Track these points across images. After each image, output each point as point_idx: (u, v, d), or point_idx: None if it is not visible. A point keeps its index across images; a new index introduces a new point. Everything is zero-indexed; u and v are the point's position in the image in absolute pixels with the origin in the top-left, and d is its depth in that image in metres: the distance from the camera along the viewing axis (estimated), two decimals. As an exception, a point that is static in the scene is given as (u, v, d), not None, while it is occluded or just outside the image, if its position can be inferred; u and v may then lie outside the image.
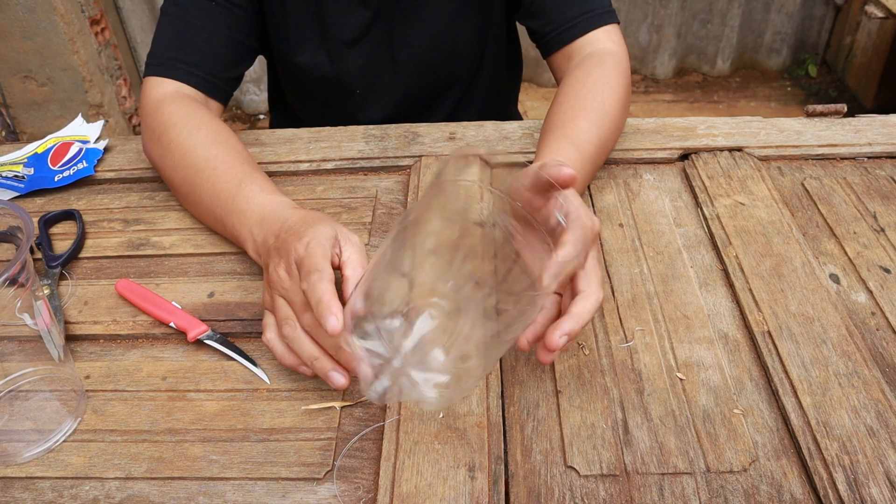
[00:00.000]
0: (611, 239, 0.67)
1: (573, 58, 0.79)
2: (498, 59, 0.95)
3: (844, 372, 0.53)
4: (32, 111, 2.32)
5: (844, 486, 0.46)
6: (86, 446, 0.52)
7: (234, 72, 0.80)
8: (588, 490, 0.47)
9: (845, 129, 0.80)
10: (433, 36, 0.87)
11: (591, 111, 0.70)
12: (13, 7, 2.07)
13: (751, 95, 2.75)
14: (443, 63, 0.90)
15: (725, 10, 2.68)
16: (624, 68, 0.76)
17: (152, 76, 0.76)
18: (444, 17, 0.86)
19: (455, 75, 0.92)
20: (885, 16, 2.44)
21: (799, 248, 0.64)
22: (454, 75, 0.92)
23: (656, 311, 0.59)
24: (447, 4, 0.85)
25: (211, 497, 0.48)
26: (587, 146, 0.67)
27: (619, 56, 0.77)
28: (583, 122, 0.69)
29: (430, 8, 0.85)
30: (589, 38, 0.79)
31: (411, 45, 0.87)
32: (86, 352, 0.59)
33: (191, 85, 0.76)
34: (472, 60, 0.92)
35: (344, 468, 0.49)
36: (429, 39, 0.87)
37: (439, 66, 0.90)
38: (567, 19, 0.80)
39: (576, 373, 0.55)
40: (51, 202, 0.77)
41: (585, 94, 0.72)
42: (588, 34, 0.79)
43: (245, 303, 0.62)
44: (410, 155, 0.79)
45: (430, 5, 0.84)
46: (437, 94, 0.94)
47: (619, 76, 0.75)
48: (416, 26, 0.86)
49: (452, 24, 0.87)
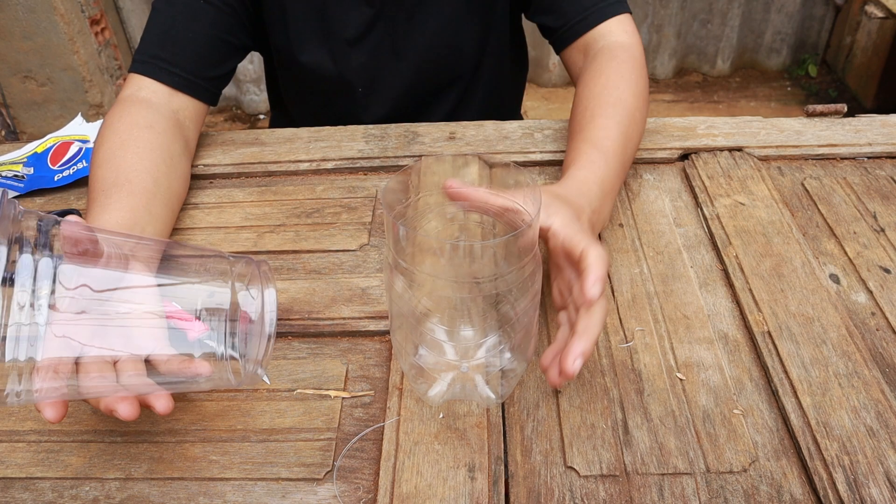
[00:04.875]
0: (611, 239, 0.67)
1: (587, 52, 0.80)
2: (500, 57, 0.95)
3: (844, 372, 0.53)
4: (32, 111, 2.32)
5: (844, 487, 0.46)
6: (86, 446, 0.52)
7: (217, 70, 0.80)
8: (588, 490, 0.47)
9: (845, 129, 0.80)
10: (435, 33, 0.87)
11: (608, 107, 0.70)
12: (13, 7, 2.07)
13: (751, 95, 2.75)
14: (444, 60, 0.90)
15: (725, 10, 2.68)
16: (638, 59, 0.76)
17: (134, 73, 0.76)
18: (447, 14, 0.86)
19: (456, 72, 0.92)
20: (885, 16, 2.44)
21: (799, 248, 0.64)
22: (455, 72, 0.92)
23: (656, 312, 0.59)
24: (449, 2, 0.85)
25: (211, 497, 0.48)
26: (610, 145, 0.67)
27: (632, 48, 0.77)
28: (602, 120, 0.69)
29: (433, 5, 0.85)
30: (601, 29, 0.79)
31: (414, 43, 0.87)
32: (86, 352, 0.59)
33: (170, 85, 0.76)
34: (474, 58, 0.92)
35: (344, 468, 0.49)
36: (431, 37, 0.87)
37: (441, 63, 0.90)
38: (579, 11, 0.80)
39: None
40: (51, 202, 0.77)
41: (601, 91, 0.72)
42: (601, 25, 0.79)
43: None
44: (410, 155, 0.79)
45: (433, 2, 0.85)
46: (438, 91, 0.94)
47: (633, 68, 0.74)
48: (419, 23, 0.86)
49: (454, 22, 0.87)
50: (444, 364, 0.50)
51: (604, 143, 0.67)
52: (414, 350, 0.50)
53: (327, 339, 0.59)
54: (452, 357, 0.49)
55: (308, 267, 0.66)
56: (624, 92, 0.72)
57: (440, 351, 0.49)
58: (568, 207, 0.55)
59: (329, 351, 0.58)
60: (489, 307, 0.49)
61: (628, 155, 0.70)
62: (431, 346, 0.49)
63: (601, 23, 0.79)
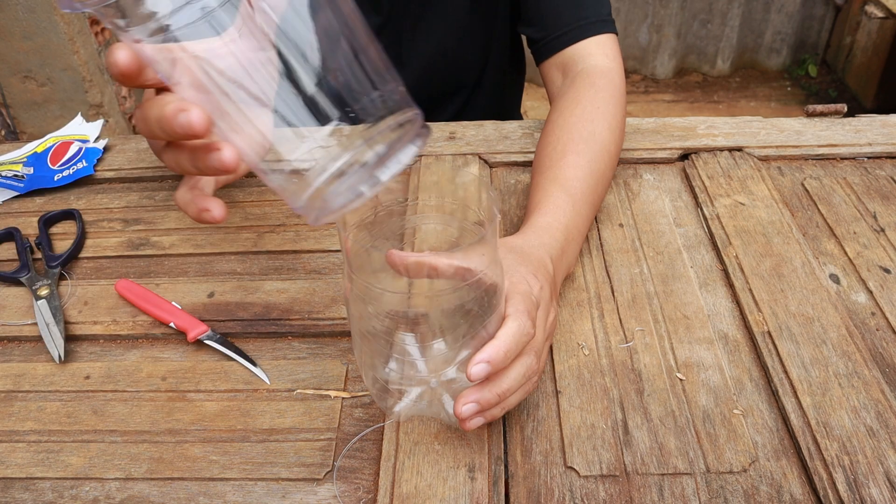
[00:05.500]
0: (611, 239, 0.67)
1: (565, 71, 0.77)
2: (501, 64, 0.95)
3: (844, 372, 0.53)
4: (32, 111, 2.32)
5: (844, 487, 0.46)
6: (86, 446, 0.52)
7: None
8: (588, 490, 0.47)
9: (845, 129, 0.80)
10: (440, 42, 0.87)
11: (581, 143, 0.66)
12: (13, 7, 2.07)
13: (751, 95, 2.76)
14: (448, 69, 0.91)
15: (725, 10, 2.68)
16: (618, 87, 0.73)
17: None
18: (451, 23, 0.86)
19: (460, 81, 0.93)
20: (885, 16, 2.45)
21: (799, 248, 0.64)
22: (459, 81, 0.93)
23: (656, 312, 0.59)
24: (454, 12, 0.85)
25: (211, 497, 0.48)
26: (579, 186, 0.63)
27: (611, 73, 0.73)
28: (573, 157, 0.65)
29: (438, 15, 0.85)
30: (581, 49, 0.76)
31: (418, 51, 0.88)
32: (86, 352, 0.59)
33: None
34: (477, 66, 0.92)
35: (344, 469, 0.49)
36: (435, 46, 0.87)
37: (445, 71, 0.91)
38: (560, 26, 0.77)
39: (576, 373, 0.55)
40: (50, 202, 0.77)
41: (574, 123, 0.68)
42: (580, 43, 0.76)
43: (245, 303, 0.62)
44: (410, 155, 0.79)
45: (438, 12, 0.85)
46: (441, 99, 0.94)
47: (610, 97, 0.71)
48: (424, 32, 0.86)
49: (459, 31, 0.87)
50: (414, 379, 0.48)
51: (572, 184, 0.63)
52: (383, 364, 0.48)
53: (327, 339, 0.59)
54: (423, 371, 0.48)
55: (308, 267, 0.66)
56: (598, 125, 0.68)
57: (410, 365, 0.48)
58: (522, 266, 0.52)
59: (329, 351, 0.58)
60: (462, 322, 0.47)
61: (599, 194, 0.66)
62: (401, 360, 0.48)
63: (580, 41, 0.76)
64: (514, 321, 0.46)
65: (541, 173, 0.66)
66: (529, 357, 0.47)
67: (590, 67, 0.74)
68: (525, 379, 0.47)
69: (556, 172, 0.64)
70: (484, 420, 0.47)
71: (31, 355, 0.60)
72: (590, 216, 0.65)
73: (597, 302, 0.60)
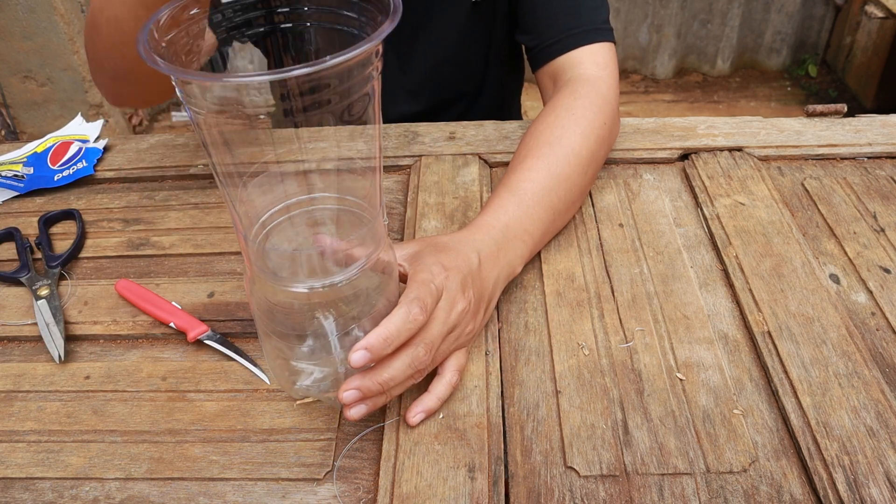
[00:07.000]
0: (611, 239, 0.67)
1: (556, 80, 0.76)
2: (501, 71, 0.95)
3: (844, 372, 0.53)
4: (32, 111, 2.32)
5: (844, 487, 0.46)
6: (86, 446, 0.52)
7: None
8: (588, 490, 0.47)
9: (845, 129, 0.80)
10: (440, 51, 0.87)
11: (544, 147, 0.65)
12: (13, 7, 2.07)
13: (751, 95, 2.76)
14: (449, 78, 0.91)
15: (725, 10, 2.68)
16: (603, 95, 0.71)
17: None
18: (451, 33, 0.86)
19: (461, 90, 0.93)
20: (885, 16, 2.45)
21: (799, 248, 0.64)
22: (460, 90, 0.93)
23: (656, 312, 0.59)
24: (454, 21, 0.85)
25: (211, 497, 0.48)
26: (529, 187, 0.62)
27: (597, 82, 0.72)
28: (531, 161, 0.64)
29: (438, 24, 0.85)
30: (573, 57, 0.75)
31: (419, 61, 0.88)
32: (86, 352, 0.59)
33: None
34: (477, 75, 0.92)
35: (344, 469, 0.49)
36: (436, 55, 0.87)
37: (445, 80, 0.91)
38: (554, 34, 0.76)
39: (576, 373, 0.55)
40: (50, 202, 0.77)
41: (543, 130, 0.67)
42: (572, 52, 0.75)
43: (245, 303, 0.62)
44: (410, 154, 0.79)
45: (438, 22, 0.85)
46: (442, 108, 0.94)
47: (591, 104, 0.69)
48: (424, 42, 0.86)
49: (459, 40, 0.87)
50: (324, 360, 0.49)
51: (523, 185, 0.62)
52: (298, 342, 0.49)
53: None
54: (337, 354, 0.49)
55: (308, 267, 0.66)
56: (568, 130, 0.66)
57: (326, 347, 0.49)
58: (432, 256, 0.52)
59: (329, 351, 0.58)
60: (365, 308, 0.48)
61: (560, 197, 0.63)
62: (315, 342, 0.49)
63: (573, 49, 0.75)
64: (400, 308, 0.46)
65: (500, 180, 0.65)
66: (417, 348, 0.48)
67: (577, 76, 0.74)
68: (412, 370, 0.48)
69: (510, 177, 0.64)
70: (367, 409, 0.48)
71: (31, 355, 0.60)
72: (545, 218, 0.62)
73: (597, 302, 0.60)
